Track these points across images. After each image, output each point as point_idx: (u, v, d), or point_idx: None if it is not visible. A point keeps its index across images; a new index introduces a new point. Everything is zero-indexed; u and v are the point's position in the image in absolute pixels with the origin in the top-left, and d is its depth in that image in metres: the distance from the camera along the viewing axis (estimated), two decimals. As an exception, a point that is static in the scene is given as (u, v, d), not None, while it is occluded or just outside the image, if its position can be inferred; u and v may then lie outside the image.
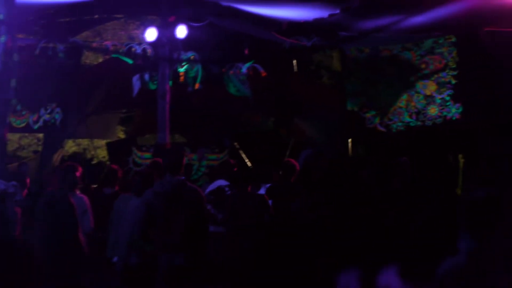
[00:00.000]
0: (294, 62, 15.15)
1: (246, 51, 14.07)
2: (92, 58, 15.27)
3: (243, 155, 14.84)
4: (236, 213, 9.71)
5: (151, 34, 13.07)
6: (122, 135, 16.54)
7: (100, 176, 10.12)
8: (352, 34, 12.93)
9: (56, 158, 15.22)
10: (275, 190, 10.10)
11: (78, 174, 9.73)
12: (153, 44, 13.54)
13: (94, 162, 16.53)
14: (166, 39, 13.11)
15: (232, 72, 14.22)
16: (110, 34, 14.41)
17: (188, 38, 13.14)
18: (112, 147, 15.88)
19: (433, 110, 15.14)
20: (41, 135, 16.45)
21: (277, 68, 14.75)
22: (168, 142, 13.57)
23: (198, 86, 14.10)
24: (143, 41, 13.62)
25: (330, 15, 11.98)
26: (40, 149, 16.43)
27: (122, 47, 13.86)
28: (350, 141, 15.26)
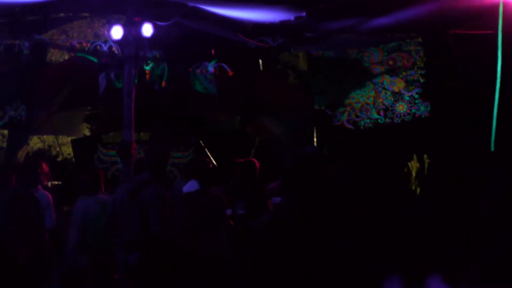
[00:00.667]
0: (260, 61, 15.18)
1: (213, 51, 14.08)
2: (57, 55, 15.20)
3: (209, 154, 14.87)
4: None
5: (117, 32, 13.00)
6: (87, 132, 16.50)
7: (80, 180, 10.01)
8: (316, 35, 12.99)
9: (21, 154, 15.18)
10: (236, 190, 10.07)
11: (40, 171, 9.75)
12: (119, 42, 13.50)
13: (59, 159, 16.46)
14: (132, 38, 13.04)
15: (199, 71, 14.24)
16: (76, 31, 14.34)
17: (154, 36, 13.10)
18: (77, 144, 15.88)
19: (401, 107, 15.23)
20: (5, 132, 16.38)
21: (243, 67, 14.79)
22: (133, 140, 13.58)
23: (164, 84, 14.12)
24: (109, 39, 13.58)
25: (296, 18, 12.02)
26: (4, 145, 16.34)
27: (88, 45, 13.85)
28: (315, 140, 15.32)
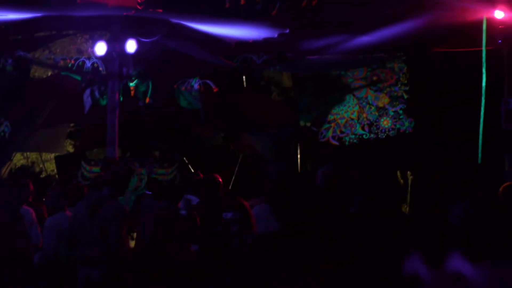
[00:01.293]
0: (244, 78, 15.22)
1: (198, 67, 14.09)
2: (41, 71, 15.15)
3: (192, 170, 14.85)
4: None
5: (101, 48, 13.02)
6: (71, 149, 16.42)
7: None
8: (299, 56, 13.03)
9: (4, 171, 15.15)
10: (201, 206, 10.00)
11: (27, 190, 9.75)
12: (102, 58, 13.50)
13: (43, 175, 16.40)
14: (116, 54, 13.07)
15: (183, 88, 14.24)
16: (59, 47, 14.29)
17: (138, 52, 13.12)
18: (60, 161, 15.84)
19: (386, 122, 15.25)
20: (-11, 148, 16.33)
21: (228, 83, 14.80)
22: (117, 157, 13.56)
23: (148, 100, 14.11)
24: (93, 55, 13.57)
25: (280, 35, 12.07)
26: (-13, 162, 16.29)
27: (72, 62, 13.82)
28: (299, 157, 15.34)
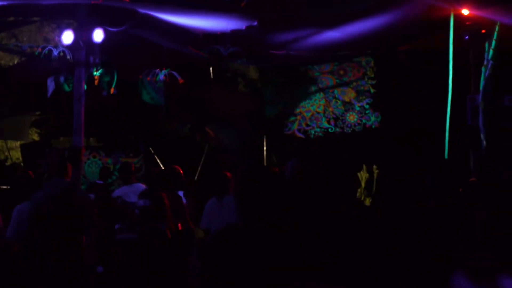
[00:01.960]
0: (211, 69, 15.25)
1: (164, 58, 14.08)
2: (7, 59, 15.07)
3: (158, 160, 14.87)
4: None
5: (68, 37, 12.97)
6: (36, 138, 16.36)
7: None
8: (267, 49, 13.09)
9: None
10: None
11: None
12: (69, 47, 13.45)
13: (8, 163, 16.32)
14: (83, 43, 13.02)
15: (148, 78, 14.22)
16: (26, 36, 14.23)
17: (105, 41, 13.09)
18: (26, 149, 15.81)
19: (352, 117, 15.37)
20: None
21: (194, 75, 14.83)
22: (82, 145, 13.53)
23: (113, 91, 14.06)
24: (60, 44, 13.51)
25: (248, 27, 12.10)
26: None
27: (39, 50, 13.74)
28: (265, 149, 15.41)
